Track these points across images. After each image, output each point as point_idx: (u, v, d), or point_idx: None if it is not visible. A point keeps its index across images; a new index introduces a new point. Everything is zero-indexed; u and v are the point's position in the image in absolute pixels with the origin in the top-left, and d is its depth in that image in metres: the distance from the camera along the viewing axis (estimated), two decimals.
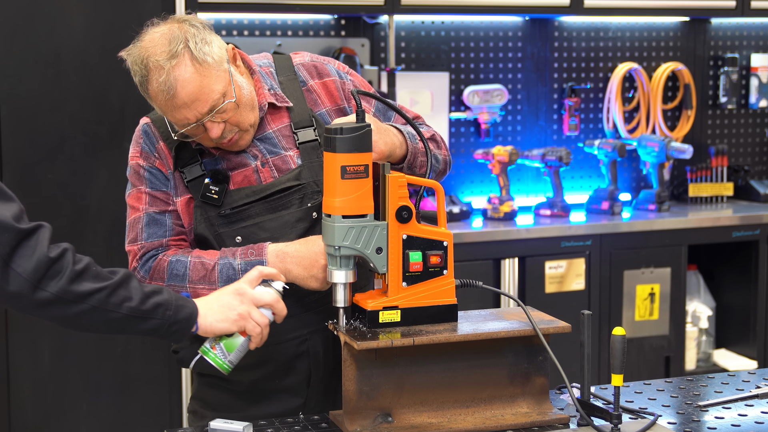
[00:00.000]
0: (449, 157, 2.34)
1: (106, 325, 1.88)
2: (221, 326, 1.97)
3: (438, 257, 2.01)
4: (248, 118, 2.15)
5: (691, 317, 4.75)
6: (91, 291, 1.81)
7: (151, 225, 2.21)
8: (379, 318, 1.99)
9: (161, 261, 2.18)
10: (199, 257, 2.16)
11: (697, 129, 5.15)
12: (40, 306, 1.79)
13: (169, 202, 2.21)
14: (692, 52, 5.13)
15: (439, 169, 2.28)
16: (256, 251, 2.13)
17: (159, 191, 2.21)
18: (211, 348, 2.01)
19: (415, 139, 2.17)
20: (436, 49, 4.70)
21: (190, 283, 2.14)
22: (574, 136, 4.93)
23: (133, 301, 1.87)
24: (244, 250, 2.14)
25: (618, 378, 1.95)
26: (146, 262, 2.20)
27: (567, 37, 4.91)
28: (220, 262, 2.14)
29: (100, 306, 1.83)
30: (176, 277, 2.15)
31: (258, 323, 1.99)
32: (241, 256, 2.13)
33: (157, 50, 2.05)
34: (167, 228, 2.21)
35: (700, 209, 4.82)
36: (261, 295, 2.01)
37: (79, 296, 1.81)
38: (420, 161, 2.18)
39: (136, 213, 2.23)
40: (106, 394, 3.73)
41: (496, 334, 2.00)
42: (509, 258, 4.24)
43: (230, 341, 2.00)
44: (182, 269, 2.15)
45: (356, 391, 1.97)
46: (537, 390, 2.07)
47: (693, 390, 2.26)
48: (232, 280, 2.11)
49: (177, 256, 2.17)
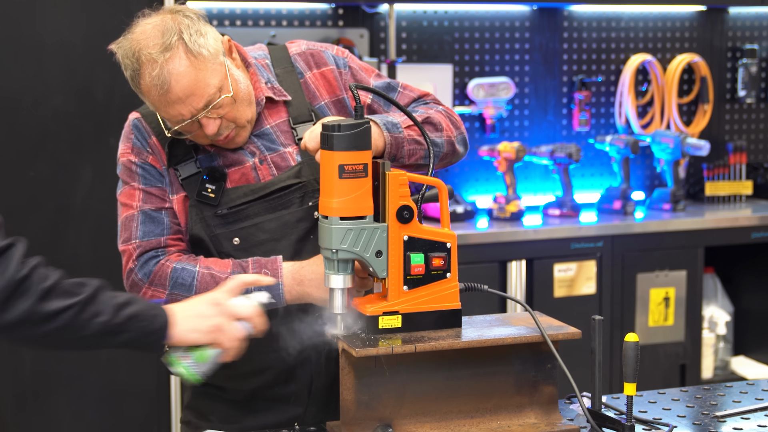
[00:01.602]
0: (458, 135, 2.26)
1: (79, 343, 1.87)
2: (192, 337, 1.93)
3: (441, 259, 2.02)
4: (245, 113, 2.16)
5: (707, 323, 4.76)
6: (60, 309, 1.79)
7: (147, 223, 2.19)
8: (378, 323, 2.00)
9: (164, 266, 2.16)
10: (209, 268, 2.14)
11: (714, 124, 5.15)
12: (7, 328, 1.77)
13: (165, 198, 2.21)
14: (709, 43, 5.13)
15: (440, 153, 2.22)
16: (270, 269, 2.13)
17: (154, 187, 2.20)
18: (181, 358, 1.96)
19: (396, 128, 2.12)
20: (438, 39, 4.70)
21: (196, 294, 2.12)
22: (585, 132, 4.93)
23: (104, 315, 1.84)
24: (257, 268, 2.13)
25: (631, 387, 1.95)
26: (145, 264, 2.17)
27: (577, 27, 4.91)
28: (232, 277, 2.13)
29: (70, 324, 1.81)
30: (181, 286, 2.14)
31: (232, 337, 1.96)
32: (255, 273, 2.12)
33: (150, 43, 2.05)
34: (164, 226, 2.20)
35: (718, 209, 4.83)
36: (239, 308, 1.98)
37: (47, 315, 1.79)
38: (408, 150, 2.14)
39: (129, 210, 2.21)
40: (91, 404, 3.73)
41: (502, 340, 2.00)
42: (516, 260, 4.24)
43: (202, 352, 1.96)
44: (189, 279, 2.14)
45: (355, 400, 1.97)
46: (545, 400, 2.07)
47: (710, 399, 2.27)
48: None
49: (182, 264, 2.16)
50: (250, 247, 2.18)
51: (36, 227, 3.64)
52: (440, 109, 2.28)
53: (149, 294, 2.15)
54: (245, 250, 2.18)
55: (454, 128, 2.26)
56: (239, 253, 2.18)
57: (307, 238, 2.19)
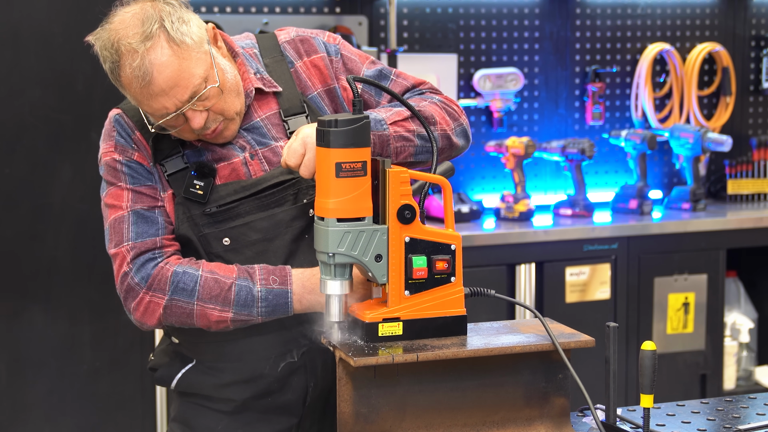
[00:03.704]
0: (456, 127, 2.25)
1: None
2: None
3: (445, 262, 2.02)
4: (234, 105, 2.16)
5: (730, 330, 4.76)
6: None
7: (140, 223, 2.18)
8: (378, 331, 2.00)
9: (163, 270, 2.15)
10: (213, 272, 2.14)
11: (736, 118, 5.16)
12: None
13: (157, 197, 2.20)
14: (731, 31, 5.13)
15: (438, 147, 2.19)
16: (279, 278, 2.13)
17: (143, 186, 2.20)
18: None
19: (380, 124, 2.11)
20: (442, 27, 4.70)
21: (198, 300, 2.13)
22: (599, 126, 4.94)
23: None
24: (264, 274, 2.14)
25: (648, 399, 1.96)
26: (142, 267, 2.16)
27: (590, 14, 4.91)
28: (238, 282, 2.13)
29: None
30: (183, 291, 2.14)
31: None
32: (262, 282, 2.13)
33: (129, 32, 2.05)
34: (159, 225, 2.19)
35: (741, 208, 4.83)
36: None
37: None
38: (395, 147, 2.13)
39: (118, 212, 2.19)
40: (71, 415, 3.73)
41: (510, 349, 2.01)
42: (525, 263, 4.24)
43: None
44: (191, 283, 2.13)
45: (353, 413, 1.97)
46: (556, 412, 2.08)
47: (732, 412, 2.27)
48: (250, 306, 2.11)
49: (184, 267, 2.15)
50: (242, 248, 2.18)
51: (11, 228, 3.65)
52: (435, 99, 2.27)
53: (147, 299, 2.15)
54: (236, 251, 2.18)
55: (452, 120, 2.25)
56: (229, 254, 2.18)
57: (302, 237, 2.19)
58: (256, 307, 2.12)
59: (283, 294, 2.12)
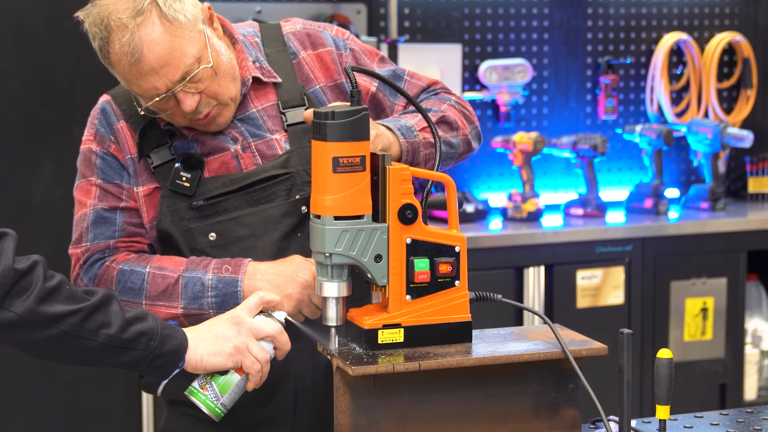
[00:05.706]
0: (472, 131, 2.33)
1: (79, 355, 1.88)
2: (214, 361, 1.96)
3: (448, 265, 2.02)
4: (228, 89, 2.17)
5: (751, 337, 4.76)
6: (64, 314, 1.81)
7: (99, 224, 2.22)
8: (378, 338, 2.00)
9: (109, 268, 2.18)
10: (160, 268, 2.16)
11: (758, 112, 5.16)
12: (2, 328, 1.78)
13: (122, 197, 2.23)
14: (752, 20, 5.13)
15: (455, 154, 2.29)
16: (233, 267, 2.14)
17: (111, 183, 2.23)
18: (201, 388, 1.98)
19: (411, 132, 2.17)
20: (446, 16, 4.70)
21: (147, 298, 2.15)
22: (612, 121, 4.94)
23: (112, 327, 1.86)
24: (219, 264, 2.15)
25: (664, 410, 1.95)
26: (90, 267, 2.20)
27: (603, 2, 4.91)
28: (186, 275, 2.14)
29: (72, 332, 1.82)
30: (130, 291, 2.16)
31: (257, 359, 1.98)
32: (214, 271, 2.14)
33: (120, 7, 2.06)
34: (116, 227, 2.22)
35: (762, 208, 4.83)
36: (262, 326, 2.00)
37: (48, 319, 1.80)
38: (424, 155, 2.20)
39: (82, 209, 2.24)
40: (52, 427, 3.73)
41: (518, 357, 2.00)
42: (534, 266, 4.24)
43: (224, 380, 1.98)
44: (138, 282, 2.16)
45: (351, 425, 1.97)
46: (567, 424, 2.08)
47: (753, 424, 2.27)
48: (199, 298, 2.12)
49: (130, 265, 2.18)
50: (228, 244, 2.19)
51: None
52: (453, 102, 2.33)
53: None
54: (222, 247, 2.19)
55: (468, 123, 2.32)
56: (215, 251, 2.19)
57: (293, 235, 2.20)
58: (206, 298, 2.12)
59: (232, 282, 2.13)
